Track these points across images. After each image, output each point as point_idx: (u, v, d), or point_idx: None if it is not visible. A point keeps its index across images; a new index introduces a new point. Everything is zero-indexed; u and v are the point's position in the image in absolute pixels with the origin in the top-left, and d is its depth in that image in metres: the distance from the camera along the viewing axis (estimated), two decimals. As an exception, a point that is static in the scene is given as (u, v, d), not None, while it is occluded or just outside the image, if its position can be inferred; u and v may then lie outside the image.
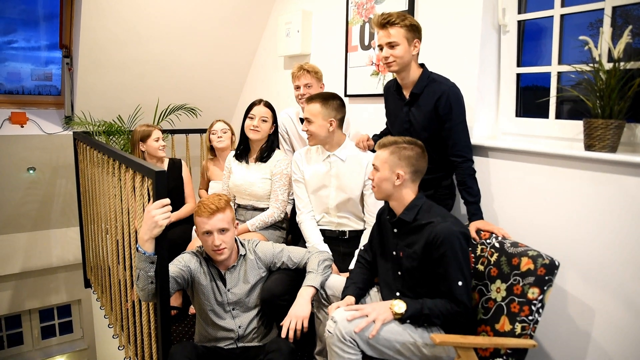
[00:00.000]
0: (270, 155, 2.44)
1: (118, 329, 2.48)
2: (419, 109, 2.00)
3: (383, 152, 1.70)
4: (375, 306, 1.59)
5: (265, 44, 3.86)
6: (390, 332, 1.55)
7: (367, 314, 1.55)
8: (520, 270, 1.59)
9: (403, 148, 1.68)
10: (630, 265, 1.66)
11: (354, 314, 1.55)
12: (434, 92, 1.95)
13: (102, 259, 2.81)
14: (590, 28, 1.94)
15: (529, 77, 2.16)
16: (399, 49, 1.90)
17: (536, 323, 1.53)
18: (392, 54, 1.91)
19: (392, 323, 1.56)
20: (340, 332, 1.52)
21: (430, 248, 1.58)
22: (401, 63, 1.93)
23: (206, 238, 1.80)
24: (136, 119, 3.37)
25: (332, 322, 1.57)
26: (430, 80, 1.98)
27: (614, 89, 1.68)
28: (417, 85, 1.98)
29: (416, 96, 2.00)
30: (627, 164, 1.65)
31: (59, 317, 5.13)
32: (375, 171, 1.73)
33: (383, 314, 1.55)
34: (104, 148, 2.33)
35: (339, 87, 2.97)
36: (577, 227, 1.81)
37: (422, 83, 1.98)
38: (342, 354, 1.53)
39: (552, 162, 1.88)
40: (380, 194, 1.73)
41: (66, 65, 3.55)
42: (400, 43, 1.90)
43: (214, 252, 1.79)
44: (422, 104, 1.99)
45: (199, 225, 1.81)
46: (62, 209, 4.15)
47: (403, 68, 1.96)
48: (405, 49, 1.91)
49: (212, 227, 1.77)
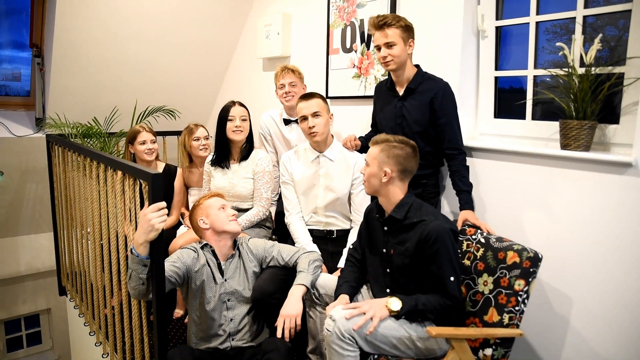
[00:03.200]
0: (249, 154, 2.45)
1: (102, 337, 2.43)
2: (412, 103, 2.09)
3: (374, 149, 1.75)
4: (372, 304, 1.63)
5: (244, 46, 3.86)
6: (386, 328, 1.60)
7: (365, 311, 1.59)
8: (506, 263, 1.68)
9: (393, 147, 1.73)
10: (605, 256, 1.78)
11: (352, 312, 1.59)
12: (430, 89, 2.06)
13: (81, 265, 2.73)
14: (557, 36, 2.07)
15: (506, 80, 2.27)
16: (396, 49, 2.01)
17: (522, 313, 1.62)
18: (390, 53, 2.01)
19: (388, 319, 1.61)
20: (339, 330, 1.56)
21: (422, 245, 1.63)
22: (398, 62, 2.03)
23: (222, 211, 1.94)
24: (113, 121, 3.30)
25: (330, 320, 1.60)
26: (426, 78, 2.10)
27: (586, 92, 1.80)
28: (413, 81, 2.09)
29: (411, 90, 2.09)
30: (600, 161, 1.77)
31: (27, 327, 4.91)
32: (366, 166, 1.78)
33: (380, 311, 1.60)
34: (86, 151, 2.27)
35: (321, 89, 3.01)
36: (554, 222, 1.92)
37: (418, 79, 2.09)
38: (341, 351, 1.56)
39: (530, 161, 1.99)
40: (368, 189, 1.79)
41: (37, 65, 3.43)
42: (397, 43, 2.00)
43: (232, 221, 1.94)
44: (416, 98, 2.09)
45: (215, 202, 1.95)
46: (32, 214, 3.99)
47: (400, 66, 2.06)
48: (402, 48, 2.02)
49: (225, 202, 1.99)
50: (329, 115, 2.21)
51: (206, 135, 2.80)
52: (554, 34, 2.09)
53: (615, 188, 1.74)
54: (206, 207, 1.94)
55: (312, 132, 2.17)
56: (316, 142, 2.21)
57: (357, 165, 2.20)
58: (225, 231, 1.92)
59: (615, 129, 1.84)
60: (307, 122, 2.16)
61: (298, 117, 2.23)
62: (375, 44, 2.06)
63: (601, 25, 1.93)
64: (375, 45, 2.06)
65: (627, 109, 1.79)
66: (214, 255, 1.92)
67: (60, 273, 3.32)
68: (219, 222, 1.91)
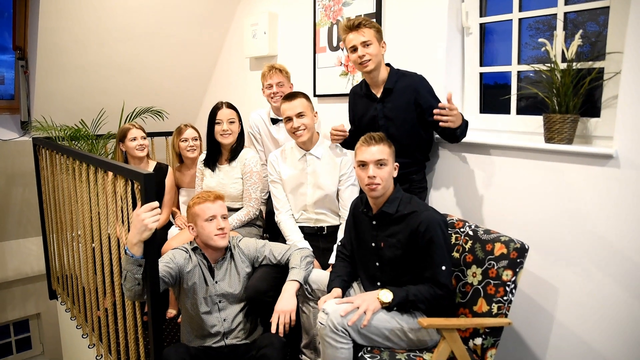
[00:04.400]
0: (238, 153, 2.46)
1: (95, 339, 2.43)
2: (394, 104, 2.11)
3: (384, 147, 1.75)
4: (364, 297, 1.66)
5: (230, 46, 3.87)
6: (378, 320, 1.63)
7: (358, 305, 1.62)
8: (494, 254, 1.72)
9: (390, 141, 1.80)
10: (589, 245, 1.83)
11: (346, 307, 1.62)
12: (408, 85, 2.08)
13: (72, 267, 2.72)
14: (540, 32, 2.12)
15: (491, 75, 2.32)
16: (373, 48, 2.02)
17: (510, 303, 1.67)
18: (368, 52, 2.01)
19: (380, 312, 1.64)
20: (332, 323, 1.59)
21: (415, 236, 1.67)
22: (376, 61, 2.04)
23: (209, 224, 1.87)
24: (100, 123, 3.28)
25: (323, 314, 1.63)
26: (401, 75, 2.12)
27: (568, 87, 1.85)
28: (389, 80, 2.10)
29: (389, 91, 2.10)
30: (583, 154, 1.82)
31: (16, 333, 4.86)
32: (380, 167, 1.74)
33: (372, 304, 1.63)
34: (75, 153, 2.26)
35: (308, 88, 3.03)
36: (539, 213, 1.97)
37: (393, 78, 2.10)
38: (335, 344, 1.59)
39: (516, 154, 2.04)
40: (384, 189, 1.76)
41: (21, 68, 3.39)
42: (373, 42, 2.01)
43: (217, 236, 1.87)
44: (397, 97, 2.10)
45: (203, 212, 1.87)
46: (19, 219, 3.95)
47: (376, 67, 2.06)
48: (378, 48, 2.04)
49: (216, 211, 1.89)
50: (314, 114, 2.23)
51: (195, 136, 2.78)
52: (537, 30, 2.14)
53: (597, 179, 1.79)
54: (194, 214, 1.90)
55: (297, 133, 2.18)
56: (302, 142, 2.22)
57: (344, 162, 2.23)
58: (210, 245, 1.91)
59: (597, 122, 1.89)
60: (292, 122, 2.17)
61: (282, 117, 2.24)
62: (349, 45, 2.04)
63: (582, 21, 1.98)
64: (350, 47, 2.05)
65: (608, 102, 1.85)
66: (205, 257, 1.93)
67: (50, 277, 3.29)
68: (204, 236, 1.89)
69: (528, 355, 2.05)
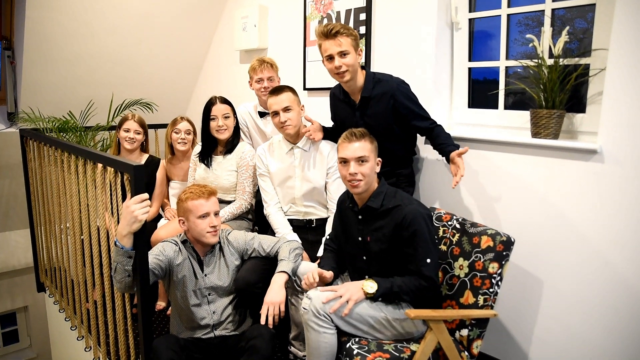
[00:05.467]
0: (234, 147, 2.47)
1: (84, 331, 2.42)
2: (373, 111, 2.08)
3: (366, 142, 1.75)
4: (348, 287, 1.68)
5: (220, 38, 3.84)
6: (362, 308, 1.65)
7: (341, 295, 1.64)
8: (480, 247, 1.75)
9: (372, 137, 1.80)
10: (574, 238, 1.87)
11: (328, 295, 1.63)
12: (385, 92, 2.03)
13: (61, 260, 2.71)
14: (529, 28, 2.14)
15: (480, 71, 2.34)
16: (350, 57, 1.96)
17: (496, 295, 1.70)
18: (345, 62, 1.96)
19: (364, 302, 1.66)
20: (315, 308, 1.61)
21: (400, 229, 1.69)
22: (353, 71, 2.00)
23: (202, 221, 1.87)
24: (89, 115, 3.25)
25: (307, 299, 1.65)
26: (377, 81, 2.06)
27: (555, 83, 1.88)
28: (365, 88, 2.05)
29: (367, 100, 2.07)
30: (568, 149, 1.86)
31: (3, 326, 4.82)
32: (361, 163, 1.74)
33: (355, 294, 1.64)
34: (63, 145, 2.25)
35: (298, 81, 3.04)
36: (526, 207, 2.01)
37: (369, 85, 2.05)
38: (317, 328, 1.61)
39: (503, 149, 2.07)
40: (367, 185, 1.76)
41: (7, 58, 3.34)
42: (349, 52, 1.96)
43: (209, 233, 1.87)
44: (374, 105, 2.06)
45: (196, 208, 1.86)
46: (6, 211, 3.90)
47: (353, 76, 2.01)
48: (355, 57, 1.98)
49: (209, 209, 1.88)
50: (300, 107, 2.23)
51: (188, 129, 2.75)
52: (526, 26, 2.16)
53: (582, 174, 1.83)
54: (187, 209, 1.89)
55: (285, 126, 2.18)
56: (289, 135, 2.23)
57: (331, 155, 2.23)
58: (200, 241, 1.91)
59: (582, 118, 1.93)
60: (279, 117, 2.16)
61: (269, 112, 2.24)
62: (326, 54, 1.98)
63: (570, 18, 2.01)
64: (326, 55, 1.98)
65: (593, 98, 1.88)
66: (195, 251, 1.93)
67: (38, 269, 3.27)
68: (196, 232, 1.88)
69: (514, 346, 2.09)
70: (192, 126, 2.79)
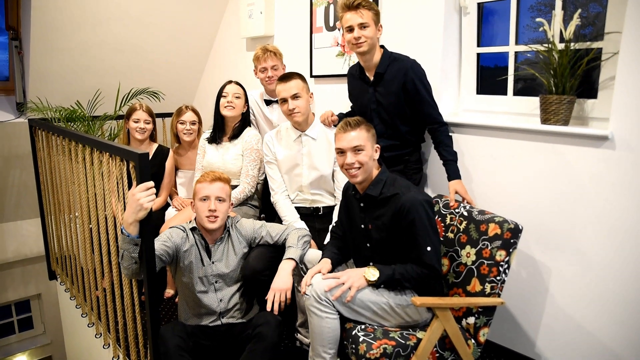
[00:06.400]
0: (242, 132, 2.48)
1: (94, 318, 2.46)
2: (385, 88, 2.10)
3: (361, 131, 1.74)
4: (350, 273, 1.68)
5: (226, 26, 3.82)
6: (365, 294, 1.65)
7: (343, 282, 1.64)
8: (488, 235, 1.73)
9: (369, 124, 1.79)
10: (583, 226, 1.85)
11: (330, 282, 1.64)
12: (399, 70, 2.06)
13: (71, 248, 2.74)
14: (542, 14, 2.09)
15: (489, 56, 2.30)
16: (369, 30, 2.00)
17: (503, 283, 1.69)
18: (364, 34, 1.99)
19: (366, 288, 1.66)
20: (316, 293, 1.62)
21: (398, 218, 1.67)
22: (371, 43, 2.02)
23: (202, 204, 1.88)
24: (97, 104, 3.26)
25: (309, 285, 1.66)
26: (392, 59, 2.09)
27: (566, 68, 1.84)
28: (381, 65, 2.08)
29: (381, 76, 2.09)
30: (578, 135, 1.82)
31: (18, 313, 4.92)
32: (357, 152, 1.73)
33: (357, 281, 1.64)
34: (71, 134, 2.26)
35: (305, 68, 3.01)
36: (535, 194, 1.98)
37: (385, 62, 2.08)
38: (320, 313, 1.62)
39: (512, 136, 2.04)
40: (365, 174, 1.75)
41: (15, 48, 3.35)
42: (370, 24, 1.99)
43: (207, 218, 1.86)
44: (387, 82, 2.09)
45: (199, 190, 1.88)
46: (17, 201, 3.95)
47: (371, 49, 2.04)
48: (374, 31, 2.01)
49: (210, 192, 1.88)
50: (309, 95, 2.22)
51: (193, 120, 2.75)
52: (539, 11, 2.11)
53: (592, 161, 1.79)
54: (194, 192, 1.93)
55: (293, 114, 2.17)
56: (297, 122, 2.22)
57: None
58: (203, 226, 1.91)
59: (594, 104, 1.89)
60: (287, 104, 2.16)
61: (278, 99, 2.23)
62: (346, 25, 2.02)
63: (584, 2, 1.96)
64: (346, 26, 2.02)
65: (605, 83, 1.84)
66: (203, 238, 1.94)
67: (50, 258, 3.32)
68: (198, 214, 1.90)
69: (522, 334, 2.08)
70: (197, 116, 2.80)
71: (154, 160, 2.67)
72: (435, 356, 1.64)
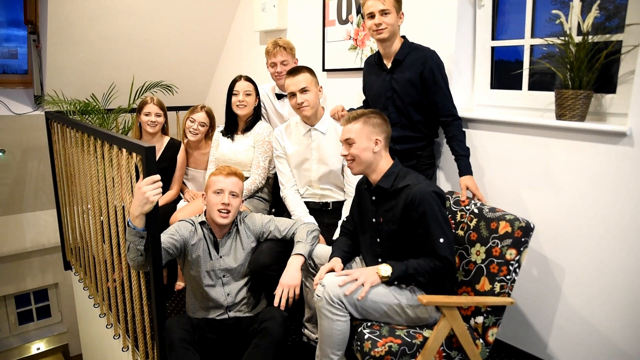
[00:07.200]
0: (253, 125, 2.49)
1: (105, 308, 2.50)
2: (402, 76, 2.08)
3: (355, 125, 1.74)
4: (363, 270, 1.66)
5: (240, 19, 3.81)
6: (376, 294, 1.62)
7: (356, 278, 1.62)
8: (498, 233, 1.69)
9: (372, 117, 1.76)
10: (598, 225, 1.79)
11: (345, 279, 1.61)
12: (417, 59, 2.05)
13: (84, 240, 2.78)
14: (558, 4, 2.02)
15: (504, 50, 2.24)
16: (391, 17, 2.00)
17: (513, 282, 1.65)
18: (385, 21, 2.00)
19: (378, 286, 1.63)
20: (328, 295, 1.59)
21: (409, 210, 1.64)
22: (391, 30, 2.03)
23: (215, 196, 1.88)
24: (111, 97, 3.29)
25: (320, 286, 1.63)
26: (412, 49, 2.09)
27: (583, 61, 1.78)
28: (400, 52, 2.08)
29: (399, 63, 2.09)
30: (595, 131, 1.76)
31: (36, 301, 5.05)
32: (348, 145, 1.75)
33: (371, 277, 1.62)
34: (83, 127, 2.28)
35: (317, 62, 2.99)
36: (549, 191, 1.93)
37: (405, 50, 2.08)
38: (331, 315, 1.60)
39: (526, 132, 1.99)
40: (360, 166, 1.75)
41: (33, 42, 3.41)
42: (391, 11, 2.00)
43: (219, 211, 1.86)
44: (405, 70, 2.08)
45: (213, 183, 1.89)
46: (35, 191, 4.05)
47: (391, 36, 2.04)
48: (395, 18, 2.02)
49: (225, 186, 1.88)
50: (318, 88, 2.20)
51: (203, 122, 2.67)
52: (556, 3, 2.04)
53: (609, 158, 1.73)
54: (207, 184, 1.93)
55: (301, 108, 2.15)
56: (306, 116, 2.20)
57: None
58: (213, 220, 1.90)
59: (612, 99, 1.82)
60: (296, 98, 2.14)
61: (287, 93, 2.22)
62: (367, 11, 2.03)
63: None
64: (367, 13, 2.04)
65: (624, 78, 1.77)
66: (211, 232, 1.94)
67: (65, 248, 3.38)
68: (209, 207, 1.91)
69: (533, 335, 2.04)
70: (210, 119, 2.71)
71: (165, 153, 2.68)
72: (442, 355, 1.62)
